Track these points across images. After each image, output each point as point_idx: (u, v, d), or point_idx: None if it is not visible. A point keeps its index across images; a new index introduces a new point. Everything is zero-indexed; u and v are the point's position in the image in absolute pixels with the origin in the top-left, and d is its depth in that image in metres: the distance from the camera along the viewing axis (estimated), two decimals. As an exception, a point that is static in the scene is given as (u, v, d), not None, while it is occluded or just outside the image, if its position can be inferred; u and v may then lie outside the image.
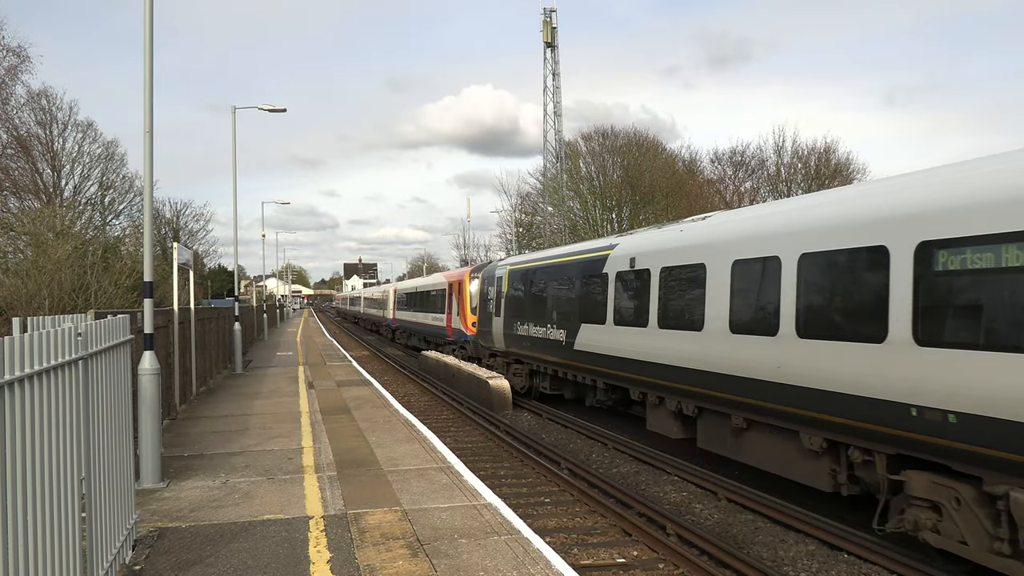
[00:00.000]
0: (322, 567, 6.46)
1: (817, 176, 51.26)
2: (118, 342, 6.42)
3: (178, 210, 69.84)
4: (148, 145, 9.67)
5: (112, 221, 50.39)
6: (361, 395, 18.10)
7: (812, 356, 9.18)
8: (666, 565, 8.58)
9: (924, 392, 7.59)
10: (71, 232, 30.59)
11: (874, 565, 8.40)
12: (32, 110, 45.08)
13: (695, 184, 56.83)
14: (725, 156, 58.13)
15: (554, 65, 52.69)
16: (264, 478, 9.72)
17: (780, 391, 9.70)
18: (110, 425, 6.05)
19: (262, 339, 44.92)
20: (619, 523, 9.96)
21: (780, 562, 8.71)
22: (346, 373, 23.96)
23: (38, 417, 4.17)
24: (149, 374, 9.50)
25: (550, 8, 52.15)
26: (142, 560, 6.69)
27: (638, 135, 58.96)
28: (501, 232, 72.23)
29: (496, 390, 19.88)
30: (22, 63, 38.53)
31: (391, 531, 7.44)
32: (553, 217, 56.08)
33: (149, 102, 9.70)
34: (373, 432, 12.88)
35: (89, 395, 5.36)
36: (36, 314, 16.94)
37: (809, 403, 9.23)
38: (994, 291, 7.07)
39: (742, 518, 10.34)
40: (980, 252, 7.16)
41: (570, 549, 8.92)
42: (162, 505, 8.50)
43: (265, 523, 7.76)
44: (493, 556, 6.71)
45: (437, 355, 28.40)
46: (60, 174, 47.59)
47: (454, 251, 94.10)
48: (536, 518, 10.13)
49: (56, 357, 4.52)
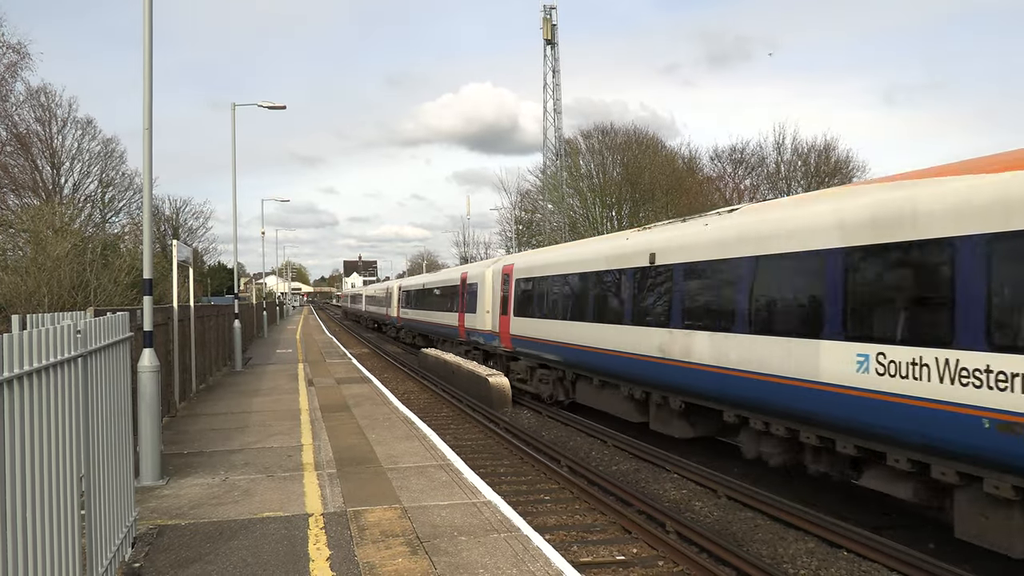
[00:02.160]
0: (321, 564, 6.46)
1: (817, 174, 51.24)
2: (117, 340, 6.41)
3: (178, 207, 69.77)
4: (147, 142, 9.65)
5: (111, 218, 50.44)
6: (361, 392, 18.09)
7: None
8: (666, 562, 8.58)
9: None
10: (70, 229, 30.56)
11: (873, 563, 8.41)
12: (32, 107, 45.06)
13: (695, 181, 56.78)
14: (725, 154, 58.17)
15: (554, 62, 52.68)
16: (264, 475, 9.72)
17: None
18: (109, 422, 6.05)
19: (262, 336, 44.92)
20: (619, 520, 9.96)
21: (780, 560, 8.71)
22: (346, 370, 23.96)
23: (37, 415, 4.16)
24: (148, 372, 9.49)
25: (550, 5, 52.14)
26: (141, 558, 6.68)
27: (638, 132, 58.98)
28: (501, 230, 72.29)
29: (496, 388, 19.87)
30: (22, 60, 38.42)
31: (391, 529, 7.44)
32: (553, 215, 56.08)
33: (148, 99, 9.68)
34: (373, 430, 12.88)
35: (88, 393, 5.35)
36: (35, 311, 16.94)
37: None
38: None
39: (742, 516, 10.34)
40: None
41: (569, 546, 8.92)
42: (162, 503, 8.50)
43: (265, 520, 7.76)
44: (492, 553, 6.71)
45: (437, 353, 28.39)
46: (59, 171, 47.55)
47: (454, 248, 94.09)
48: (536, 515, 10.13)
49: (55, 355, 4.51)
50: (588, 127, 69.54)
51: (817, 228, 9.66)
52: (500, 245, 70.88)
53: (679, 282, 12.71)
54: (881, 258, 8.67)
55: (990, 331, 7.25)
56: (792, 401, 9.81)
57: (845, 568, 8.39)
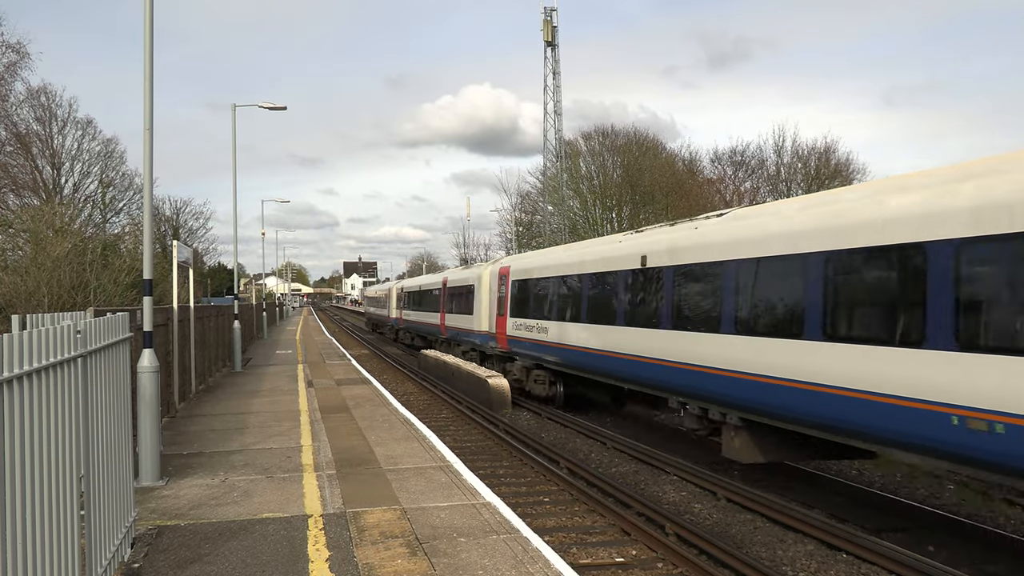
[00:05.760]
0: (321, 566, 6.46)
1: (817, 176, 51.24)
2: (117, 340, 6.41)
3: (178, 208, 69.74)
4: (148, 142, 9.65)
5: (112, 219, 50.42)
6: (360, 394, 18.09)
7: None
8: (665, 565, 8.58)
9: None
10: (70, 229, 30.57)
11: (873, 565, 8.40)
12: (31, 107, 45.08)
13: (695, 184, 56.77)
14: (725, 156, 58.18)
15: (554, 64, 52.67)
16: (263, 476, 9.72)
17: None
18: (109, 423, 6.05)
19: (262, 337, 44.90)
20: (618, 522, 9.96)
21: (779, 562, 8.71)
22: (345, 371, 23.95)
23: (37, 415, 4.16)
24: (148, 372, 9.49)
25: (551, 7, 52.14)
26: (141, 558, 6.68)
27: (638, 134, 58.95)
28: (501, 231, 72.28)
29: (495, 389, 19.88)
30: (21, 60, 38.47)
31: (390, 530, 7.44)
32: (553, 216, 56.07)
33: (149, 99, 9.68)
34: (372, 431, 12.88)
35: (88, 393, 5.35)
36: (35, 311, 16.94)
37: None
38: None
39: (741, 518, 10.34)
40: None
41: (569, 548, 8.92)
42: (161, 503, 8.49)
43: (264, 521, 7.76)
44: (492, 555, 6.71)
45: (437, 354, 28.38)
46: (60, 171, 47.59)
47: (454, 250, 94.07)
48: (535, 517, 10.12)
49: (55, 355, 4.51)
50: (588, 129, 69.53)
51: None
52: (500, 246, 70.93)
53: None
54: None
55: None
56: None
57: (844, 570, 8.39)
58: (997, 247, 7.29)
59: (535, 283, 20.13)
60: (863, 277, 8.89)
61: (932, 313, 7.87)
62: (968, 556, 8.79)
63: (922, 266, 8.04)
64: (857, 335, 8.85)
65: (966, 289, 7.57)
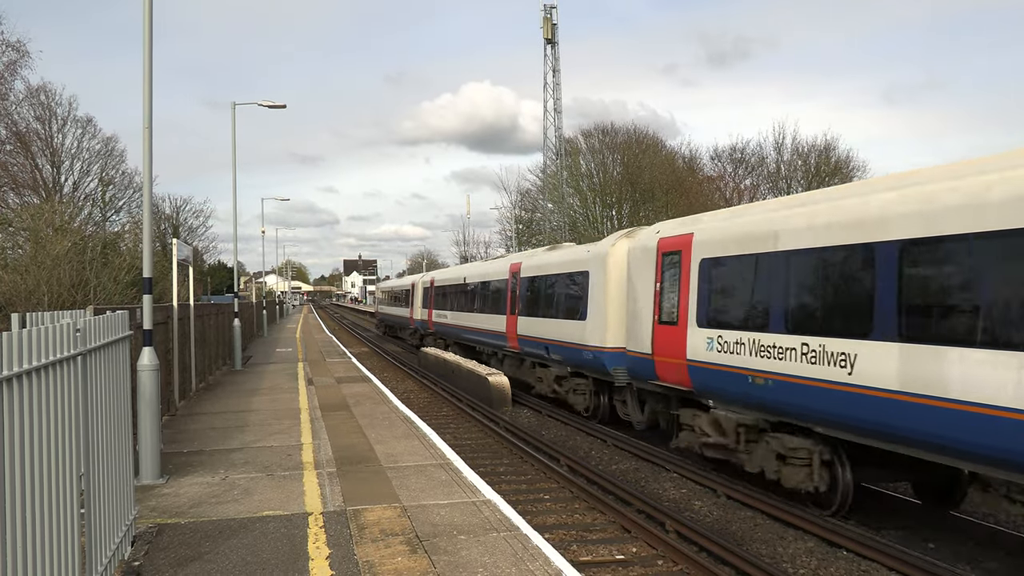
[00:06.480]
0: (321, 563, 6.46)
1: (817, 174, 51.22)
2: (117, 338, 6.41)
3: (178, 206, 69.72)
4: (147, 141, 9.65)
5: (112, 217, 50.45)
6: (361, 391, 18.09)
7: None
8: (665, 562, 8.58)
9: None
10: (70, 228, 30.58)
11: (872, 562, 8.40)
12: (31, 105, 45.06)
13: (695, 181, 56.77)
14: (725, 153, 58.14)
15: (554, 62, 52.66)
16: (263, 474, 9.72)
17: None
18: (109, 421, 6.05)
19: (262, 335, 44.91)
20: (618, 520, 9.96)
21: (779, 559, 8.71)
22: (345, 369, 23.95)
23: (37, 413, 4.16)
24: (148, 370, 9.49)
25: (551, 5, 52.11)
26: (141, 556, 6.68)
27: (638, 132, 58.95)
28: (501, 229, 72.28)
29: (496, 387, 19.88)
30: (21, 58, 38.41)
31: (390, 527, 7.44)
32: (553, 214, 56.07)
33: (148, 98, 9.67)
34: (372, 428, 12.88)
35: (88, 391, 5.35)
36: (35, 310, 16.94)
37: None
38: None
39: (741, 515, 10.34)
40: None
41: (569, 546, 8.92)
42: (161, 501, 8.49)
43: (264, 519, 7.76)
44: (492, 552, 6.71)
45: (437, 352, 28.37)
46: (59, 170, 47.59)
47: (454, 248, 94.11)
48: (535, 515, 10.13)
49: (55, 353, 4.51)
50: (588, 126, 69.58)
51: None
52: (500, 244, 70.93)
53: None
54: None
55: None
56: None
57: (844, 568, 8.39)
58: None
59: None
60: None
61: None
62: (968, 553, 8.80)
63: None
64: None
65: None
